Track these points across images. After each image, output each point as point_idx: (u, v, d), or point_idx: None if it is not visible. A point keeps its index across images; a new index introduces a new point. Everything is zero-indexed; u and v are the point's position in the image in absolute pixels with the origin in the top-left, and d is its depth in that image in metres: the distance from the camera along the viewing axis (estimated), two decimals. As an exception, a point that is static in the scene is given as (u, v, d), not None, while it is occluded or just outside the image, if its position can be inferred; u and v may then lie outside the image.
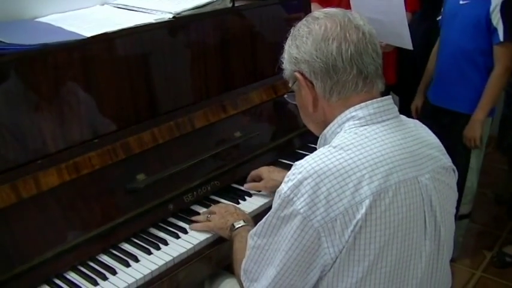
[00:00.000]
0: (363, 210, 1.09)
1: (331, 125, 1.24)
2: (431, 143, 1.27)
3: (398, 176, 1.15)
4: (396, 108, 1.26)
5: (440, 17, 2.66)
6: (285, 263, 1.15)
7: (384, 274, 1.14)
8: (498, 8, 2.38)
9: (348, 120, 1.21)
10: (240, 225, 1.52)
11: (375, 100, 1.21)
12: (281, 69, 1.32)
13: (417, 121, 1.33)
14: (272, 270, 1.19)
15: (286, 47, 1.29)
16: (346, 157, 1.13)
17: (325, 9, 1.27)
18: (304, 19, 1.27)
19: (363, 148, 1.15)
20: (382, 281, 1.15)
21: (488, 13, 2.40)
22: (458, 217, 2.78)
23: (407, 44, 2.40)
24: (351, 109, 1.21)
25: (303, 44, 1.22)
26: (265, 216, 1.20)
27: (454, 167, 1.32)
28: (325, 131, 1.26)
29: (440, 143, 1.31)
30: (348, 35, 1.18)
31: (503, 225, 3.29)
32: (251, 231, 1.26)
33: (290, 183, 1.14)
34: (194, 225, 1.63)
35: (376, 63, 1.22)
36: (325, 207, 1.09)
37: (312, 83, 1.23)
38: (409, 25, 2.38)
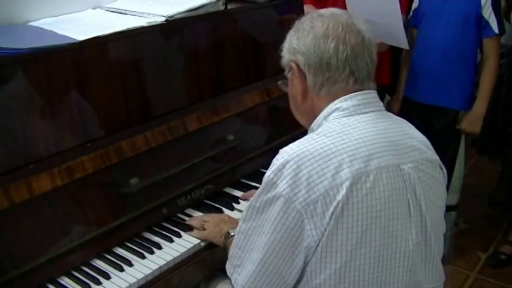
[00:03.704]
0: (343, 192, 1.12)
1: (318, 117, 1.29)
2: (415, 137, 1.29)
3: (379, 162, 1.17)
4: (381, 103, 1.30)
5: (411, 16, 2.68)
6: (270, 246, 1.17)
7: (368, 260, 1.15)
8: (489, 2, 2.43)
9: (332, 112, 1.26)
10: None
11: (359, 92, 1.26)
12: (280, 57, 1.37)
13: (404, 119, 1.36)
14: (257, 254, 1.20)
15: (288, 36, 1.34)
16: (328, 142, 1.17)
17: (331, 9, 1.33)
18: (309, 14, 1.33)
19: (345, 135, 1.19)
20: (366, 267, 1.15)
21: (478, 8, 2.44)
22: (446, 209, 2.79)
23: (403, 43, 2.41)
24: (336, 101, 1.26)
25: (304, 37, 1.28)
26: (249, 201, 1.25)
27: (441, 163, 1.33)
28: (313, 124, 1.30)
29: (426, 139, 1.33)
30: (347, 37, 1.24)
31: (497, 227, 3.29)
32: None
33: (273, 167, 1.18)
34: (189, 232, 1.63)
35: (369, 68, 1.27)
36: (306, 189, 1.12)
37: (304, 75, 1.28)
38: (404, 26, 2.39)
